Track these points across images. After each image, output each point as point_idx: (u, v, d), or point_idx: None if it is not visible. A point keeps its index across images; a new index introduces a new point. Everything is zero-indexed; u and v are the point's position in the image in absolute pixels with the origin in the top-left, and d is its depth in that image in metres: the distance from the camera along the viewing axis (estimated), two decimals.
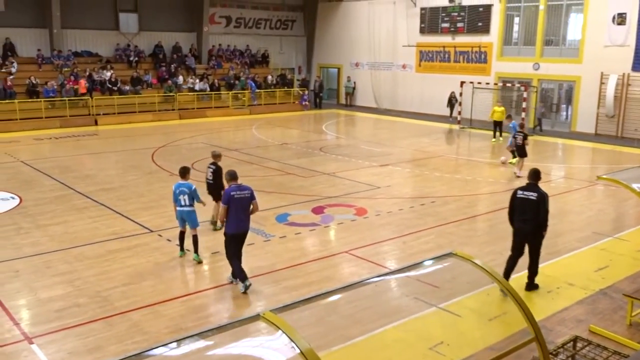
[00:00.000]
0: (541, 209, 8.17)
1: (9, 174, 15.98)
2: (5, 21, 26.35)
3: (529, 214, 8.23)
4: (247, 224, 8.66)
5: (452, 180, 16.08)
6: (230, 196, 8.42)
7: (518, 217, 8.39)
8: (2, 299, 8.18)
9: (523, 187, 8.50)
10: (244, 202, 8.52)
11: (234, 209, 8.43)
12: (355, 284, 4.94)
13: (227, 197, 8.43)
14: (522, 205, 8.31)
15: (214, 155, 11.38)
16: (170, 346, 3.86)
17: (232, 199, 8.41)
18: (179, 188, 9.70)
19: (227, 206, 8.42)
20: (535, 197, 8.21)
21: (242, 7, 34.21)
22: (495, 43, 27.83)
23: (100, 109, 26.27)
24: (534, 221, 8.21)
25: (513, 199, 8.48)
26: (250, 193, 8.60)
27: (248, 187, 8.69)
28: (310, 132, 25.66)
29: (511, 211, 8.53)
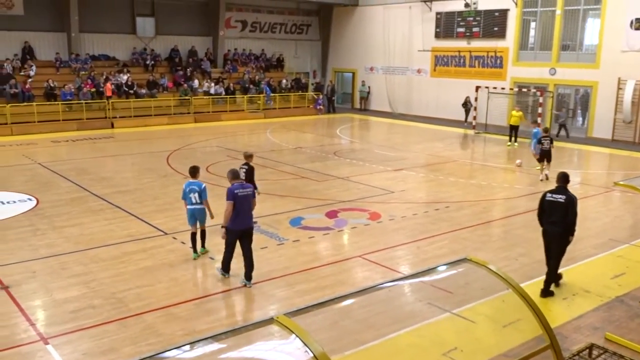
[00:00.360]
0: (569, 211, 8.33)
1: (26, 176, 16.17)
2: (25, 25, 26.72)
3: (557, 216, 8.40)
4: (250, 221, 9.03)
5: (467, 185, 16.00)
6: (235, 194, 8.73)
7: (547, 219, 8.55)
8: (18, 299, 8.27)
9: (552, 190, 8.67)
10: (247, 199, 8.92)
11: (239, 206, 8.75)
12: (369, 289, 4.93)
13: (233, 195, 8.73)
14: (550, 207, 8.48)
15: (246, 155, 11.82)
16: (184, 349, 3.88)
17: (237, 196, 8.73)
18: (189, 186, 9.91)
19: (233, 203, 8.70)
20: (564, 200, 8.38)
21: (257, 11, 34.38)
22: (511, 48, 27.69)
23: (117, 112, 26.52)
24: (562, 223, 8.38)
25: (542, 202, 8.66)
26: (252, 190, 9.13)
27: (249, 185, 9.22)
28: (325, 136, 25.68)
29: (540, 213, 8.72)
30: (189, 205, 9.91)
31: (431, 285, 7.34)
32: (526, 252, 10.62)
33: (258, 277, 9.20)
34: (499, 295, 7.81)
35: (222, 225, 8.86)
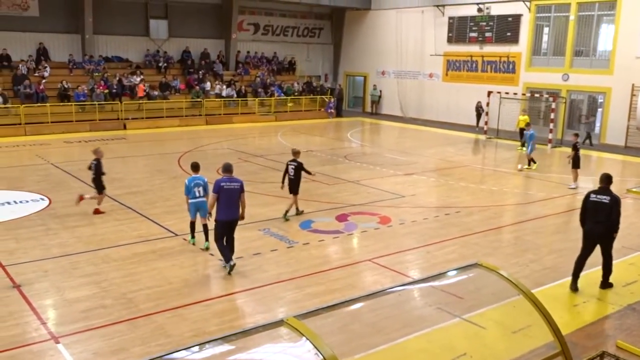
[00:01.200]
0: (614, 211, 8.64)
1: (39, 176, 16.31)
2: (39, 27, 27.01)
3: (601, 216, 8.68)
4: (236, 213, 9.41)
5: (478, 190, 15.94)
6: (220, 186, 9.22)
7: (590, 219, 8.82)
8: (30, 298, 8.34)
9: (595, 190, 8.96)
10: (233, 192, 9.27)
11: (224, 198, 9.21)
12: (379, 292, 4.93)
13: (217, 187, 9.24)
14: (594, 208, 8.79)
15: (294, 152, 12.73)
16: (193, 350, 3.89)
17: (222, 189, 9.21)
18: (193, 181, 10.43)
19: (217, 195, 9.21)
20: (608, 201, 8.70)
21: (270, 14, 34.50)
22: (524, 53, 27.58)
23: (129, 114, 26.69)
24: (606, 223, 8.69)
25: (585, 202, 8.94)
26: (239, 185, 9.38)
27: (239, 180, 9.49)
28: (335, 140, 25.69)
29: (583, 213, 8.99)
30: (193, 199, 10.43)
31: (441, 290, 7.31)
32: (537, 258, 10.56)
33: (267, 280, 9.24)
34: (510, 301, 7.78)
35: (209, 213, 9.62)
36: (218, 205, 9.30)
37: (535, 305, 4.28)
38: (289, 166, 12.52)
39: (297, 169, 12.43)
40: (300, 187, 12.69)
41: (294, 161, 12.51)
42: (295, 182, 12.50)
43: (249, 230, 11.66)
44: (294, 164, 12.45)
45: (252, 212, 12.90)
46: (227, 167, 9.53)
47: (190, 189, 10.41)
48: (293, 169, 12.42)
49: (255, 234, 11.50)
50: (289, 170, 12.55)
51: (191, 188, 10.39)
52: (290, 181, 12.53)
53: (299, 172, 12.47)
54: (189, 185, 10.43)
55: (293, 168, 12.42)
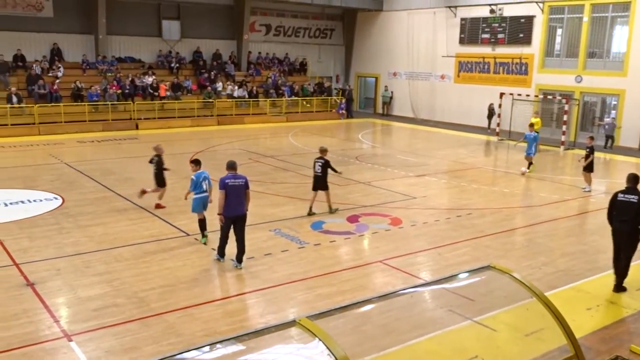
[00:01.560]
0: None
1: (53, 175, 16.44)
2: (54, 27, 27.23)
3: (628, 215, 8.75)
4: (242, 209, 9.63)
5: (490, 192, 15.86)
6: (226, 183, 9.45)
7: (617, 218, 8.91)
8: (44, 296, 8.41)
9: (623, 190, 8.99)
10: (238, 189, 9.52)
11: (229, 194, 9.45)
12: (391, 294, 4.92)
13: (223, 184, 9.46)
14: (622, 207, 8.86)
15: (322, 150, 13.07)
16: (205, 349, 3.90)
17: (227, 185, 9.44)
18: (202, 175, 10.84)
19: (224, 191, 9.41)
20: (636, 200, 8.73)
21: (282, 15, 34.56)
22: (537, 54, 27.42)
23: (141, 114, 26.84)
24: (632, 222, 8.73)
25: (613, 201, 9.02)
26: (244, 182, 9.61)
27: (243, 177, 9.70)
28: (347, 141, 25.67)
29: (610, 212, 9.08)
30: (200, 193, 10.80)
31: (453, 292, 7.28)
32: (549, 261, 10.49)
33: (278, 280, 9.25)
34: (522, 304, 7.74)
35: (218, 213, 9.58)
36: (225, 201, 9.54)
37: (548, 308, 4.25)
38: (316, 163, 12.93)
39: (323, 166, 12.83)
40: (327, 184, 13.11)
41: (320, 158, 12.90)
42: (321, 178, 12.89)
43: (260, 231, 11.69)
44: (321, 162, 12.84)
45: (263, 213, 12.95)
46: (231, 164, 9.75)
47: (199, 183, 10.74)
48: (320, 166, 12.83)
49: (266, 235, 11.52)
50: (315, 167, 12.95)
51: (200, 182, 10.74)
52: (316, 178, 12.94)
53: (326, 169, 12.86)
54: (198, 180, 10.75)
55: (320, 165, 12.83)
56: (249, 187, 9.73)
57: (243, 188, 9.59)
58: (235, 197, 9.50)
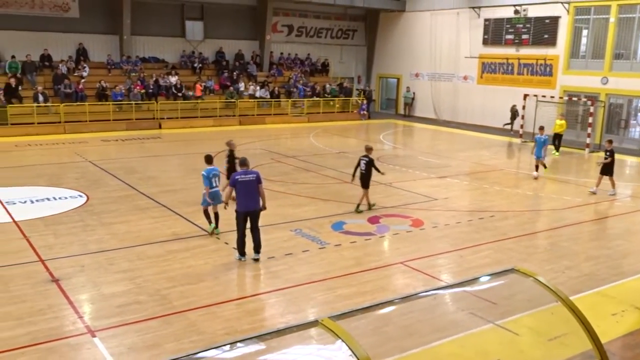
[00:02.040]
0: None
1: (78, 173, 16.68)
2: (80, 28, 27.64)
3: None
4: (254, 204, 9.83)
5: (512, 194, 15.71)
6: (236, 180, 9.70)
7: None
8: (68, 292, 8.54)
9: None
10: (249, 184, 9.70)
11: (241, 190, 9.69)
12: (412, 296, 4.90)
13: (233, 181, 9.75)
14: None
15: (367, 148, 13.40)
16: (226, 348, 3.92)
17: (238, 181, 9.67)
18: (212, 172, 11.14)
19: (232, 187, 9.73)
20: None
21: (304, 16, 34.62)
22: (562, 56, 27.05)
23: (164, 113, 27.10)
24: None
25: None
26: (255, 177, 9.79)
27: (254, 172, 9.96)
28: (368, 142, 25.57)
29: None
30: (212, 188, 11.08)
31: (474, 295, 7.23)
32: (573, 265, 10.34)
33: (299, 280, 9.26)
34: (546, 308, 7.66)
35: (224, 202, 10.18)
36: (237, 197, 9.79)
37: (573, 312, 4.19)
38: (362, 161, 13.17)
39: (368, 164, 13.07)
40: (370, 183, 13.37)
41: (366, 157, 13.17)
42: (366, 176, 13.16)
43: (280, 231, 11.72)
44: (366, 159, 13.10)
45: (284, 213, 12.98)
46: (243, 161, 10.01)
47: (209, 179, 11.06)
48: (365, 164, 13.08)
49: (287, 234, 11.55)
50: (361, 164, 13.19)
51: (210, 179, 11.06)
52: (362, 175, 13.21)
53: (370, 167, 13.07)
54: (208, 176, 11.05)
55: (365, 163, 13.08)
56: (262, 182, 9.91)
57: (255, 183, 9.77)
58: (246, 192, 9.72)
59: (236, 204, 9.82)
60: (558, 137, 22.30)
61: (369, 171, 13.13)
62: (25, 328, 7.40)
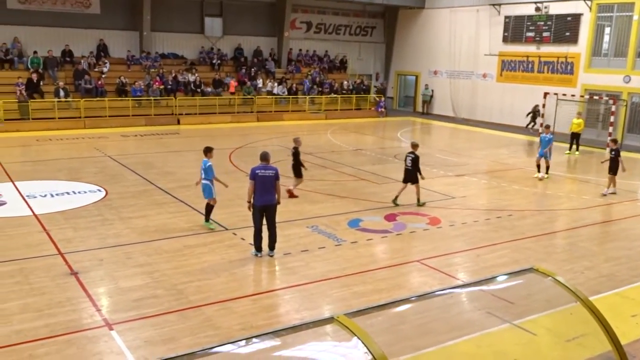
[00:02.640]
0: None
1: (97, 168, 16.86)
2: (100, 24, 27.92)
3: None
4: (271, 198, 9.89)
5: (531, 194, 15.55)
6: (255, 173, 9.78)
7: None
8: (86, 285, 8.63)
9: None
10: (267, 180, 9.77)
11: (259, 184, 9.74)
12: (428, 294, 4.86)
13: (253, 174, 9.81)
14: None
15: (413, 145, 13.69)
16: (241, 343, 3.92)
17: (257, 176, 9.75)
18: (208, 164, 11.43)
19: (253, 181, 9.74)
20: None
21: (323, 13, 34.57)
22: (584, 54, 26.70)
23: (183, 109, 27.26)
24: None
25: None
26: (274, 173, 9.84)
27: (273, 168, 9.97)
28: (385, 139, 25.53)
29: None
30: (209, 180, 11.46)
31: (492, 294, 7.16)
32: (592, 265, 10.22)
33: (315, 277, 9.27)
34: (564, 309, 7.56)
35: (247, 201, 9.99)
36: (254, 191, 9.81)
37: (593, 313, 4.13)
38: (407, 157, 13.55)
39: (414, 160, 13.41)
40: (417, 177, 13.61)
41: (412, 153, 13.50)
42: (411, 172, 13.46)
43: (297, 227, 11.73)
44: (412, 156, 13.44)
45: (301, 209, 13.00)
46: (264, 155, 10.03)
47: (211, 171, 11.49)
48: (411, 160, 13.43)
49: (304, 231, 11.55)
50: (406, 161, 13.58)
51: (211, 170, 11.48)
52: (406, 171, 13.56)
53: (416, 163, 13.39)
54: (210, 167, 11.49)
55: (411, 159, 13.44)
56: (279, 179, 9.94)
57: (273, 179, 9.82)
58: (264, 187, 9.77)
59: (253, 198, 9.87)
60: (576, 137, 22.01)
61: (414, 167, 13.38)
62: (44, 320, 7.50)
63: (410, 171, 13.46)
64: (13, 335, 7.10)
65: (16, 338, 7.02)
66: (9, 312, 7.68)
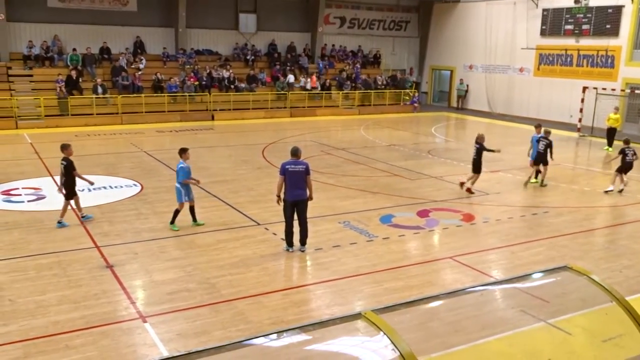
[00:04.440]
0: None
1: (133, 163, 17.17)
2: (137, 21, 28.39)
3: None
4: (301, 193, 9.86)
5: (568, 190, 15.21)
6: (286, 169, 9.80)
7: None
8: (121, 278, 8.80)
9: None
10: (298, 175, 9.77)
11: (289, 179, 9.76)
12: (460, 291, 4.81)
13: (283, 170, 9.82)
14: None
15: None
16: (272, 337, 3.95)
17: (287, 171, 9.77)
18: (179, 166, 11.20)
19: (283, 177, 9.77)
20: None
21: (356, 7, 34.43)
22: (625, 46, 25.94)
23: (217, 105, 27.54)
24: None
25: None
26: (304, 168, 9.84)
27: (304, 163, 9.98)
28: (419, 135, 25.31)
29: None
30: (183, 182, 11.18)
31: (525, 292, 7.03)
32: (632, 264, 9.94)
33: (346, 272, 9.26)
34: (600, 308, 7.37)
35: (276, 195, 10.01)
36: (285, 186, 9.83)
37: (629, 313, 4.01)
38: (541, 142, 14.98)
39: (547, 145, 15.04)
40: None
41: (545, 138, 15.01)
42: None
43: (329, 222, 11.73)
44: (546, 141, 14.96)
45: (333, 205, 12.99)
46: (294, 151, 10.04)
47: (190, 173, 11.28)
48: (544, 145, 14.94)
49: (335, 227, 11.54)
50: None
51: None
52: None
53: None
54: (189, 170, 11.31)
55: (544, 144, 14.94)
56: (310, 174, 9.94)
57: (303, 174, 9.82)
58: (294, 182, 9.78)
59: (284, 193, 9.90)
60: (612, 132, 21.36)
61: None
62: (80, 312, 7.68)
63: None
64: (50, 326, 7.29)
65: (53, 329, 7.21)
66: (47, 304, 7.89)
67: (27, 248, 10.04)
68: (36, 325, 7.30)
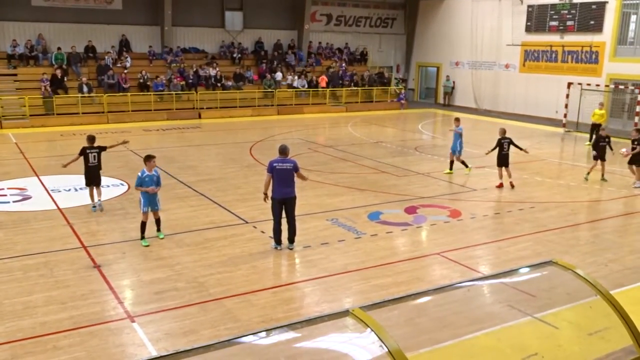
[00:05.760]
0: None
1: (120, 162, 17.06)
2: (122, 19, 28.20)
3: None
4: (289, 191, 9.88)
5: (554, 185, 15.34)
6: (273, 167, 9.80)
7: None
8: (110, 278, 8.76)
9: None
10: (285, 172, 9.79)
11: (277, 177, 9.78)
12: (447, 287, 4.85)
13: (270, 168, 9.84)
14: None
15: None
16: (261, 335, 3.96)
17: (275, 169, 9.77)
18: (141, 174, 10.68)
19: (270, 174, 9.80)
20: None
21: (343, 5, 34.44)
22: (609, 42, 26.18)
23: (204, 103, 27.44)
24: None
25: None
26: (292, 165, 9.87)
27: (292, 161, 10.03)
28: (406, 131, 25.39)
29: None
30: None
31: (512, 287, 7.09)
32: (617, 258, 10.05)
33: (335, 270, 9.28)
34: (586, 302, 7.45)
35: (263, 192, 10.00)
36: (273, 184, 9.85)
37: (613, 306, 4.07)
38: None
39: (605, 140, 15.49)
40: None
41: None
42: (603, 149, 15.47)
43: (317, 220, 11.75)
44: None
45: (321, 202, 13.00)
46: (282, 149, 10.01)
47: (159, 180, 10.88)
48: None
49: (324, 224, 11.56)
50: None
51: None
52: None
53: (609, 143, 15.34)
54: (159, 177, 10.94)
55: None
56: (299, 170, 9.97)
57: (291, 172, 9.85)
58: (282, 180, 9.79)
59: (272, 191, 9.90)
60: (597, 127, 21.54)
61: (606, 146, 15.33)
62: (68, 312, 7.64)
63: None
64: (38, 327, 7.25)
65: (41, 330, 7.17)
66: (34, 305, 7.83)
67: (13, 249, 9.96)
68: (23, 326, 7.25)
